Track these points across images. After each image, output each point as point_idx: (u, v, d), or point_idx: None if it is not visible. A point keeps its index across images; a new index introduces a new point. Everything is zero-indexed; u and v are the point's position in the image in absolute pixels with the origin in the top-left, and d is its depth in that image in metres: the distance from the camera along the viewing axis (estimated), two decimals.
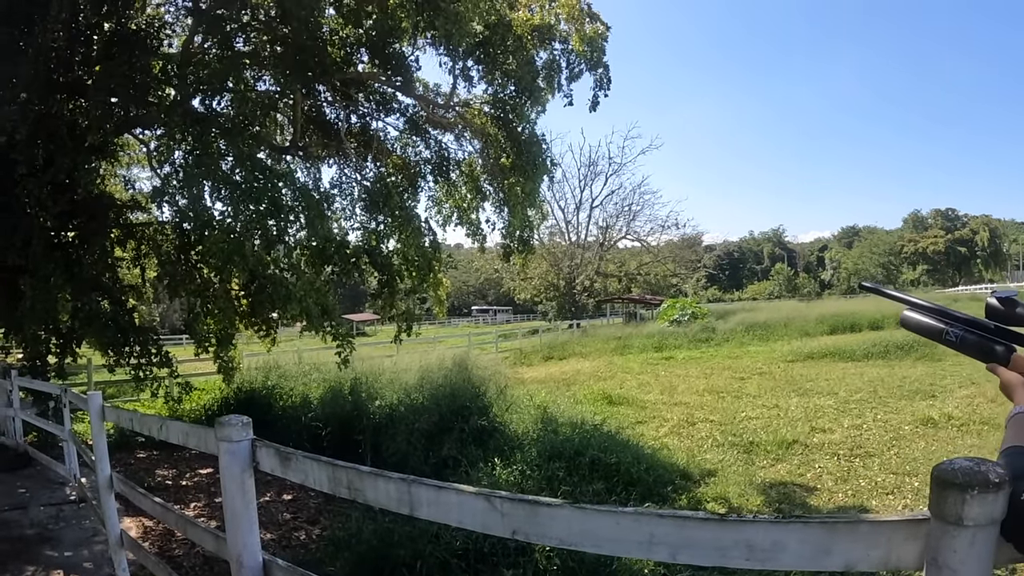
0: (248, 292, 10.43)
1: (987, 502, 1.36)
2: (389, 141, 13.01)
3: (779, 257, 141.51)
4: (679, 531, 1.80)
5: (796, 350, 23.05)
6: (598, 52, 12.04)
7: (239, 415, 3.12)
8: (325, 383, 12.11)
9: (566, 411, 11.43)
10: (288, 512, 8.33)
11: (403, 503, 2.38)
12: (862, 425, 11.54)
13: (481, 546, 5.99)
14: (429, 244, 12.06)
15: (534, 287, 63.05)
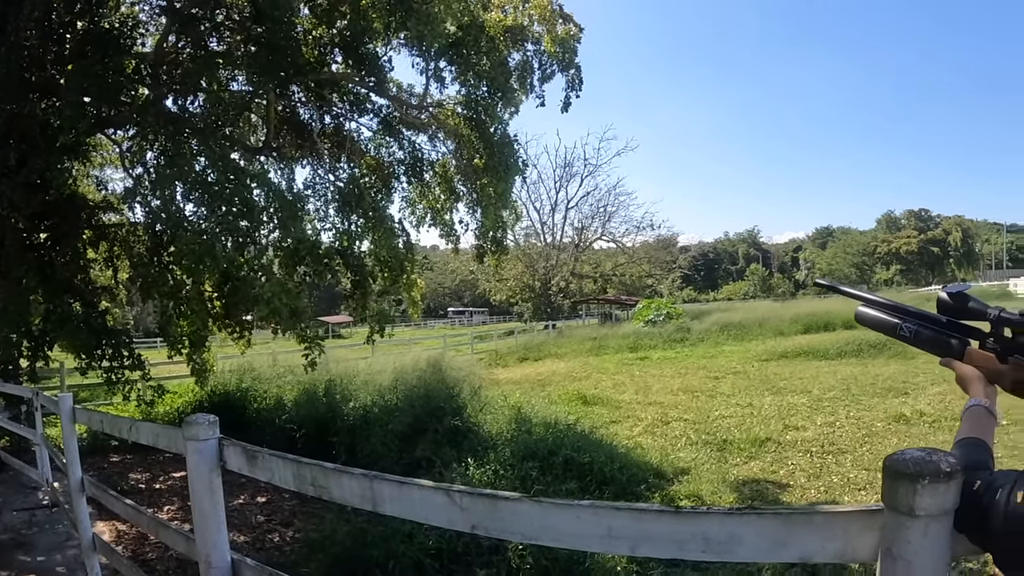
0: (221, 294, 10.37)
1: (938, 492, 1.38)
2: (363, 141, 12.98)
3: (754, 258, 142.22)
4: (636, 524, 1.82)
5: (770, 349, 23.20)
6: (570, 53, 12.08)
7: (206, 414, 3.12)
8: (299, 385, 12.07)
9: (540, 411, 11.43)
10: (262, 514, 8.29)
11: (366, 499, 2.38)
12: (835, 422, 11.63)
13: (455, 545, 5.99)
14: (403, 245, 12.02)
15: (510, 288, 63.14)
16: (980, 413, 1.63)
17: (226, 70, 10.45)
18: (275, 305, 9.24)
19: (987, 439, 1.55)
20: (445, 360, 13.54)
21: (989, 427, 1.61)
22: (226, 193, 8.98)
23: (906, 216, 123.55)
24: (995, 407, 1.66)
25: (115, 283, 12.92)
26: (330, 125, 12.29)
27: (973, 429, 1.59)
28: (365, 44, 10.63)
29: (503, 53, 11.76)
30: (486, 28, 11.47)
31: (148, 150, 9.75)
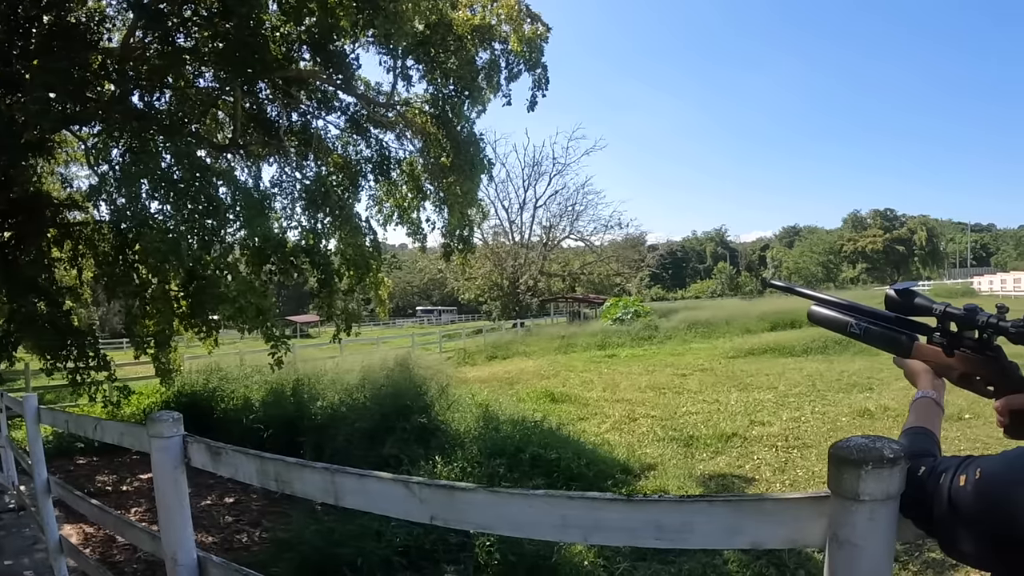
0: (187, 293, 10.28)
1: (882, 477, 1.41)
2: (330, 139, 12.91)
3: (721, 256, 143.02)
4: (590, 512, 1.84)
5: (737, 347, 23.48)
6: (537, 53, 12.08)
7: (170, 411, 3.12)
8: (267, 385, 12.02)
9: (508, 409, 11.48)
10: (230, 515, 8.25)
11: (328, 493, 2.40)
12: (800, 417, 11.78)
13: (423, 542, 6.02)
14: (369, 243, 11.97)
15: (478, 287, 62.92)
16: (927, 404, 1.69)
17: (193, 66, 10.38)
18: (241, 304, 9.19)
19: (934, 428, 1.61)
20: (413, 359, 13.53)
21: (936, 417, 1.66)
22: (192, 191, 8.91)
23: (872, 215, 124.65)
24: (942, 399, 1.72)
25: (80, 283, 12.78)
26: (297, 123, 12.21)
27: (920, 419, 1.64)
28: (333, 42, 10.58)
29: (471, 52, 11.74)
30: (454, 27, 11.44)
31: (114, 147, 9.63)
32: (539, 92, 12.36)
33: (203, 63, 10.16)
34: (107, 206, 9.69)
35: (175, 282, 10.13)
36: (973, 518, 1.24)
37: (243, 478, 2.80)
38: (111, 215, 9.74)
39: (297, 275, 11.44)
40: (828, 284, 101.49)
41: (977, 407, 10.13)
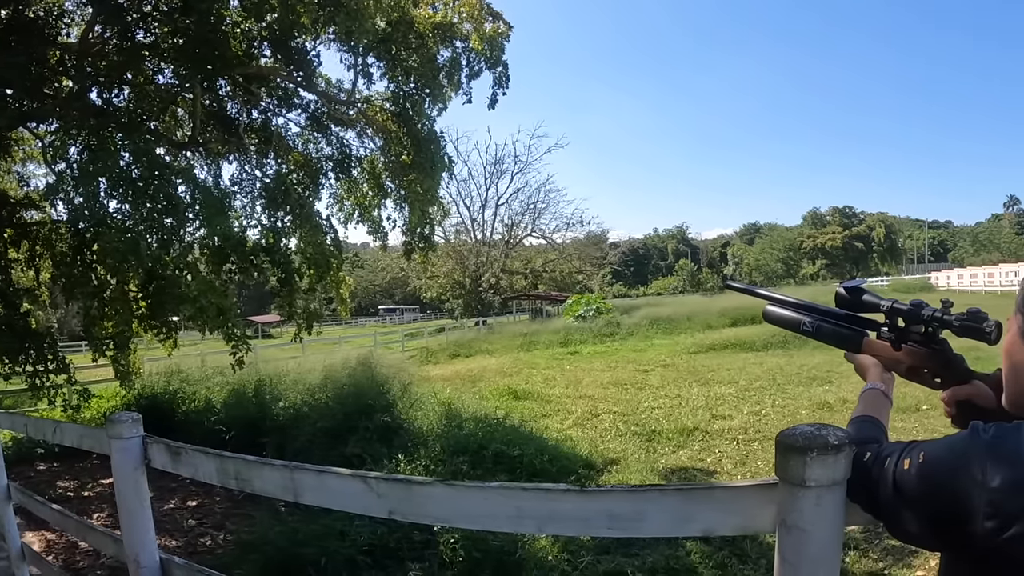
0: (146, 293, 10.16)
1: (827, 463, 1.45)
2: (290, 137, 12.79)
3: (683, 253, 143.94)
4: (544, 503, 1.87)
5: (699, 342, 23.65)
6: (497, 51, 12.08)
7: (129, 412, 3.10)
8: (229, 386, 11.93)
9: (471, 407, 11.50)
10: (193, 518, 8.18)
11: (288, 490, 2.40)
12: (761, 411, 11.91)
13: (387, 541, 6.02)
14: (330, 242, 11.90)
15: (440, 285, 62.95)
16: (875, 395, 1.74)
17: (152, 63, 10.26)
18: (201, 304, 9.09)
19: (881, 418, 1.66)
20: (375, 358, 13.50)
21: (884, 408, 1.72)
22: (151, 189, 8.79)
23: (831, 213, 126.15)
24: (891, 391, 1.77)
25: (37, 284, 12.58)
26: (257, 120, 12.09)
27: (867, 409, 1.69)
28: (294, 38, 10.51)
29: (432, 50, 11.71)
30: (415, 24, 11.40)
31: (72, 145, 9.50)
32: (499, 90, 12.38)
33: (163, 59, 10.05)
34: (65, 205, 9.55)
35: (134, 282, 10.00)
36: (917, 500, 1.29)
37: (203, 478, 2.80)
38: (69, 214, 9.59)
39: (258, 274, 11.32)
40: (788, 280, 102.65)
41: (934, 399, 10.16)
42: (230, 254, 10.33)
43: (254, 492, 2.60)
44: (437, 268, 59.13)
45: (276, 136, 12.11)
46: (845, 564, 5.65)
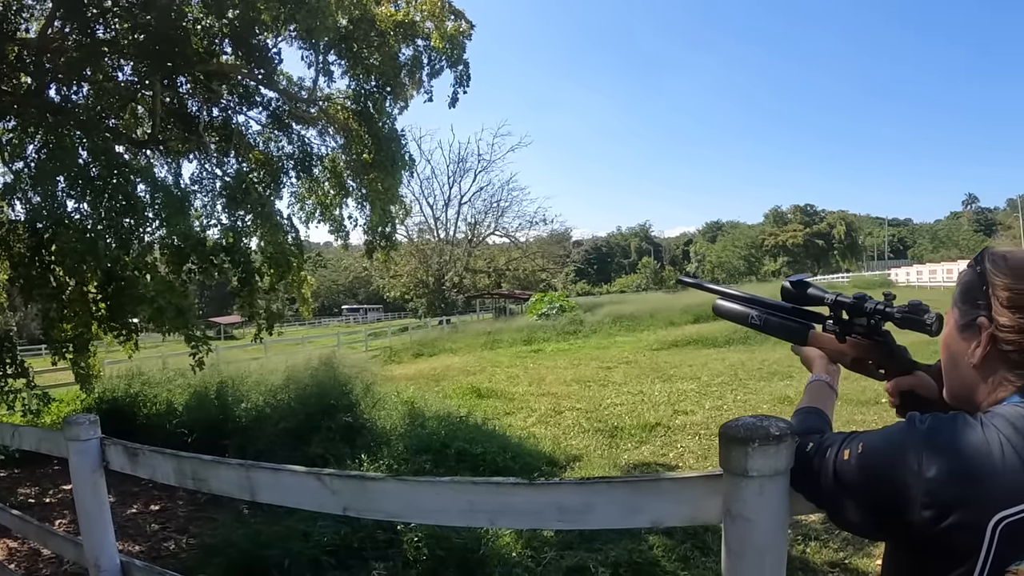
0: (106, 295, 10.03)
1: (769, 454, 1.50)
2: (251, 135, 12.69)
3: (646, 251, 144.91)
4: (496, 497, 1.90)
5: (661, 339, 23.82)
6: (459, 49, 12.07)
7: (87, 414, 3.08)
8: (190, 388, 11.81)
9: (434, 406, 11.51)
10: (156, 523, 8.07)
11: (244, 489, 2.40)
12: (722, 406, 12.02)
13: (351, 541, 6.00)
14: (291, 241, 11.82)
15: (403, 284, 62.71)
16: (820, 387, 1.79)
17: (112, 59, 10.15)
18: (160, 304, 8.99)
19: (825, 409, 1.70)
20: (337, 357, 13.45)
21: (829, 399, 1.76)
22: (110, 188, 8.71)
23: (792, 211, 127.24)
24: (836, 383, 1.82)
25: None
26: (218, 118, 11.98)
27: (812, 400, 1.74)
28: (255, 35, 10.42)
29: (393, 48, 11.67)
30: (377, 22, 11.35)
31: (29, 143, 9.41)
32: (460, 89, 12.38)
33: (123, 56, 9.94)
34: (22, 204, 9.42)
35: (93, 284, 9.89)
36: (857, 490, 1.33)
37: (161, 478, 2.79)
38: (27, 214, 9.46)
39: (218, 274, 11.21)
40: (750, 277, 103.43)
41: None
42: (190, 254, 10.23)
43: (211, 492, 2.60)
44: (400, 267, 59.03)
45: (237, 134, 12.01)
46: (806, 554, 5.74)
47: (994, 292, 1.34)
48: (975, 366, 1.37)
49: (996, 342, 1.33)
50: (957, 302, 1.44)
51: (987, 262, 1.38)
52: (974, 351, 1.37)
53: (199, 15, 10.52)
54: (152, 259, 10.26)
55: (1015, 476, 1.17)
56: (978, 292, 1.38)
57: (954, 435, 1.25)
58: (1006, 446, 1.20)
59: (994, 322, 1.33)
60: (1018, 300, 1.30)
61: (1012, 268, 1.33)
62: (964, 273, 1.46)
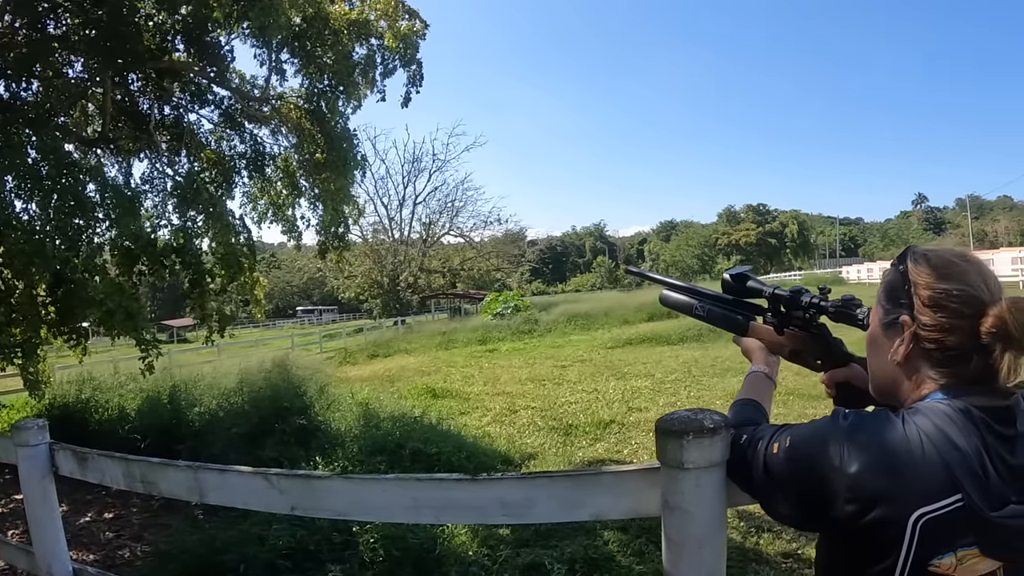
0: (55, 298, 9.86)
1: (704, 446, 1.55)
2: (203, 134, 12.56)
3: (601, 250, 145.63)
4: (440, 493, 1.92)
5: (616, 337, 23.96)
6: (412, 49, 12.05)
7: (35, 419, 3.04)
8: (143, 393, 11.65)
9: (389, 406, 11.48)
10: (110, 530, 7.95)
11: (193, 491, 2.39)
12: (676, 403, 12.10)
13: (307, 544, 5.97)
14: (243, 242, 11.68)
15: (358, 285, 62.59)
16: (759, 378, 1.85)
17: (63, 55, 9.99)
18: (109, 307, 8.87)
19: (763, 400, 1.76)
20: (291, 359, 13.36)
21: (767, 391, 1.82)
22: (59, 188, 8.56)
23: (745, 210, 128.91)
24: (775, 374, 1.88)
25: None
26: (169, 116, 11.81)
27: (750, 392, 1.79)
28: (208, 32, 10.32)
29: (347, 47, 11.60)
30: (331, 21, 11.30)
31: None
32: (413, 89, 12.37)
33: (73, 52, 9.78)
34: None
35: (42, 287, 9.71)
36: (785, 483, 1.38)
37: (110, 482, 2.77)
38: None
39: (169, 276, 11.07)
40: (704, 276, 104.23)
41: None
42: (140, 255, 10.09)
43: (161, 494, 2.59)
44: (355, 268, 58.87)
45: (188, 133, 11.87)
46: (759, 546, 5.81)
47: (916, 291, 1.37)
48: (899, 363, 1.41)
49: (919, 340, 1.37)
50: (881, 300, 1.48)
51: (909, 261, 1.42)
52: (897, 349, 1.40)
53: (151, 11, 10.36)
54: (102, 261, 10.09)
55: (935, 473, 1.21)
56: (900, 291, 1.41)
57: (875, 431, 1.29)
58: (927, 443, 1.24)
59: (916, 321, 1.37)
60: (939, 299, 1.34)
61: (934, 267, 1.37)
62: (888, 272, 1.49)
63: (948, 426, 1.25)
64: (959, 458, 1.22)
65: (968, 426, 1.26)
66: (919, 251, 1.43)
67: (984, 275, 1.35)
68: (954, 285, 1.33)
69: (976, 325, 1.29)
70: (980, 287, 1.32)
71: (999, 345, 1.27)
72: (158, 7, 10.21)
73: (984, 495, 1.20)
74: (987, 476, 1.22)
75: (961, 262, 1.36)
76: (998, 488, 1.22)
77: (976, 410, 1.27)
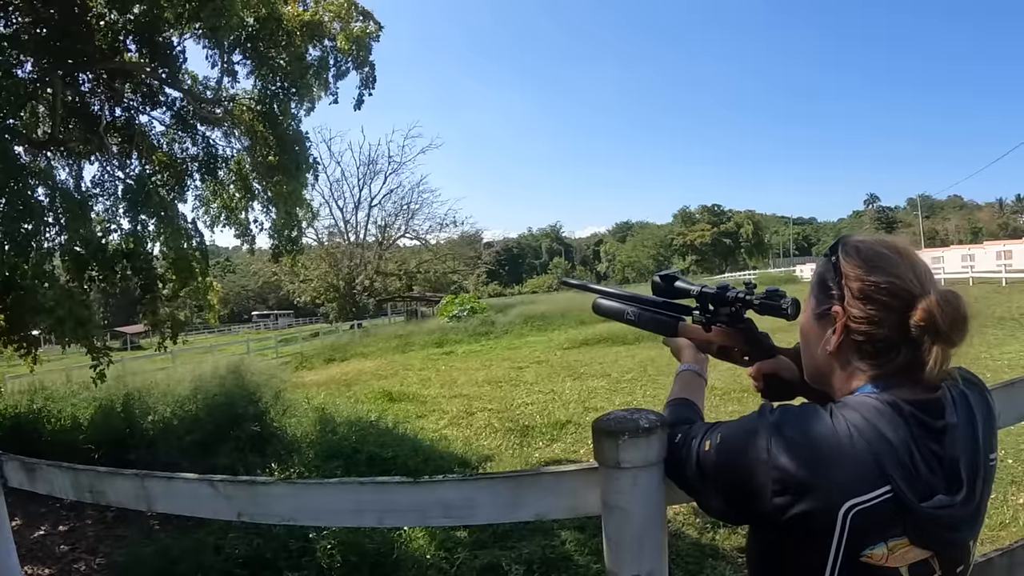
0: (4, 306, 9.67)
1: (639, 446, 1.58)
2: (155, 136, 12.32)
3: (557, 252, 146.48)
4: (381, 496, 1.93)
5: (572, 338, 24.07)
6: (365, 51, 12.00)
7: None
8: (96, 402, 11.48)
9: (345, 411, 11.45)
10: (65, 544, 7.82)
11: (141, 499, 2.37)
12: (632, 402, 12.24)
13: (263, 552, 5.94)
14: (195, 246, 11.52)
15: (314, 289, 62.13)
16: (690, 376, 1.88)
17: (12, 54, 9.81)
18: (59, 314, 8.71)
19: (695, 398, 1.79)
20: (246, 365, 13.23)
21: (698, 388, 1.85)
22: (7, 192, 8.40)
23: (700, 211, 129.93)
24: (705, 371, 1.91)
25: None
26: (121, 118, 11.58)
27: (683, 391, 1.82)
28: (160, 32, 10.18)
29: (300, 48, 11.50)
30: (284, 22, 11.20)
31: None
32: (366, 91, 12.36)
33: (22, 51, 9.60)
34: None
35: None
36: (717, 479, 1.40)
37: (59, 492, 2.73)
38: None
39: (123, 282, 10.90)
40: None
41: None
42: (90, 261, 9.92)
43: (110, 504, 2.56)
44: (311, 271, 58.56)
45: (140, 135, 11.68)
46: (715, 541, 5.89)
47: (847, 282, 1.39)
48: (830, 353, 1.43)
49: (849, 332, 1.38)
50: (814, 290, 1.49)
51: (841, 252, 1.43)
52: (829, 339, 1.42)
53: (103, 10, 10.19)
54: (52, 267, 9.90)
55: (864, 465, 1.23)
56: (832, 282, 1.43)
57: (802, 425, 1.31)
58: (855, 435, 1.25)
59: (847, 312, 1.38)
60: (869, 291, 1.35)
61: (864, 259, 1.38)
62: (820, 262, 1.51)
63: (877, 419, 1.27)
64: (888, 450, 1.24)
65: (897, 419, 1.27)
66: (851, 242, 1.44)
67: (915, 267, 1.36)
68: (884, 277, 1.34)
69: (905, 318, 1.31)
70: (910, 279, 1.33)
71: (927, 338, 1.29)
72: (109, 6, 10.03)
73: (913, 486, 1.23)
74: (916, 468, 1.24)
75: (892, 254, 1.38)
76: (927, 479, 1.25)
77: (905, 404, 1.29)
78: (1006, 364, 11.97)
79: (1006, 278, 30.95)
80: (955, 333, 1.29)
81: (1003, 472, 6.81)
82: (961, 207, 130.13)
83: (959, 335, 1.29)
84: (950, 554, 1.30)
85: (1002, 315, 18.99)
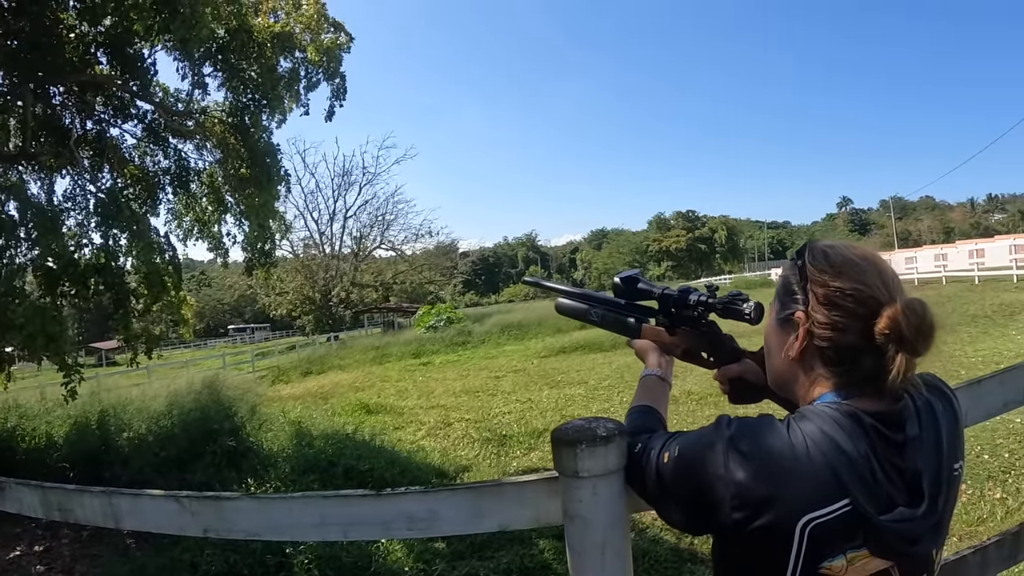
0: None
1: (597, 455, 1.57)
2: (126, 149, 12.22)
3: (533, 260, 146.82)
4: (345, 509, 1.92)
5: (549, 346, 24.00)
6: (335, 62, 11.99)
7: None
8: (70, 419, 11.37)
9: (322, 424, 11.41)
10: (41, 564, 7.75)
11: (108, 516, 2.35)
12: (609, 409, 12.19)
13: (240, 568, 5.90)
14: (167, 260, 11.40)
15: (290, 302, 61.79)
16: (653, 382, 1.87)
17: None
18: (30, 331, 8.62)
19: (658, 404, 1.78)
20: (221, 380, 13.15)
21: (662, 393, 1.85)
22: None
23: (675, 217, 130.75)
24: (669, 375, 1.90)
25: None
26: (92, 131, 11.45)
27: (645, 397, 1.81)
28: (131, 45, 10.11)
29: (271, 60, 11.46)
30: (254, 34, 11.16)
31: None
32: (337, 102, 12.36)
33: None
34: None
35: None
36: (675, 491, 1.39)
37: (28, 511, 2.70)
38: None
39: (93, 297, 10.79)
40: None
41: None
42: (61, 276, 9.83)
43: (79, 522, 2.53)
44: (286, 284, 58.35)
45: (111, 148, 11.57)
46: (694, 546, 5.90)
47: (812, 287, 1.37)
48: (793, 359, 1.41)
49: (812, 337, 1.36)
50: (779, 294, 1.48)
51: (807, 256, 1.41)
52: (792, 344, 1.40)
53: (73, 23, 10.12)
54: (22, 283, 9.81)
55: (821, 479, 1.22)
56: (797, 286, 1.41)
57: (759, 438, 1.29)
58: (813, 449, 1.24)
59: (811, 318, 1.36)
60: (833, 297, 1.33)
61: (831, 264, 1.36)
62: (786, 266, 1.50)
63: (836, 432, 1.26)
64: (846, 463, 1.23)
65: (857, 431, 1.26)
66: (818, 246, 1.42)
67: (882, 274, 1.34)
68: (850, 283, 1.32)
69: (870, 325, 1.29)
70: (877, 286, 1.32)
71: (892, 346, 1.27)
72: (80, 18, 9.97)
73: (872, 499, 1.22)
74: (876, 480, 1.23)
75: (860, 260, 1.36)
76: (888, 492, 1.24)
77: (866, 416, 1.28)
78: (980, 361, 12.08)
79: (978, 276, 31.23)
80: (920, 342, 1.27)
81: (979, 468, 6.88)
82: (933, 208, 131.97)
83: (924, 344, 1.27)
84: (911, 564, 1.30)
85: (975, 313, 19.19)
